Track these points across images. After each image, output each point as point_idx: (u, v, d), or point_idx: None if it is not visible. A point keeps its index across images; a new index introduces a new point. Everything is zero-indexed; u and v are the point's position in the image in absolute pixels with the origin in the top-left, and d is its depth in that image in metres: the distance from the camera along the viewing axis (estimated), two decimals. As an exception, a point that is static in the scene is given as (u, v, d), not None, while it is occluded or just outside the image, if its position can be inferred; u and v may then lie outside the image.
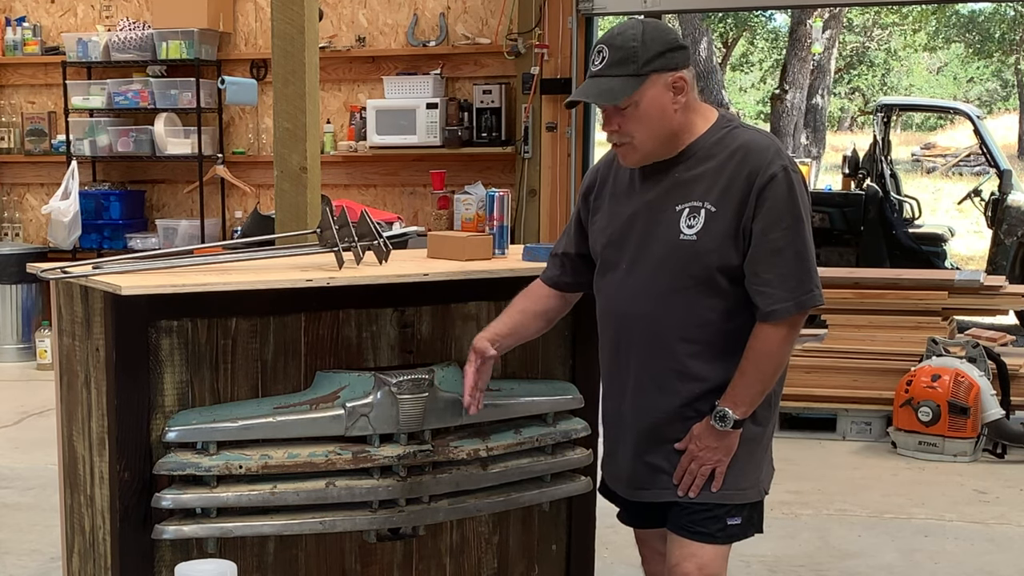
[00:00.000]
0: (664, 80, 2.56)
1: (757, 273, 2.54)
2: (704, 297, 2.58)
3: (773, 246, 2.52)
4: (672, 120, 2.59)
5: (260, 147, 8.53)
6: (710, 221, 2.55)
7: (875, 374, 6.27)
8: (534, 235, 7.66)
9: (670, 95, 2.57)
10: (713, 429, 2.59)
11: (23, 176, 9.08)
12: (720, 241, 2.55)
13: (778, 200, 2.52)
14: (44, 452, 5.61)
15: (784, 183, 2.52)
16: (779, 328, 2.54)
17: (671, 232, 2.59)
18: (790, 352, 2.62)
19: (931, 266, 9.33)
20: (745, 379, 2.57)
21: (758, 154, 2.55)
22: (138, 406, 2.83)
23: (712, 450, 2.60)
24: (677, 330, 2.61)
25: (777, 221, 2.52)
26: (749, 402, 2.58)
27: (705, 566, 2.65)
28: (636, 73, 2.55)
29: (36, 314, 8.46)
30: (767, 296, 2.53)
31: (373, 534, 3.13)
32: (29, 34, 8.86)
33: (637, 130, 2.59)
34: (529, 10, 7.72)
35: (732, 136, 2.61)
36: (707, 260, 2.56)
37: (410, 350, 3.18)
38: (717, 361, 2.61)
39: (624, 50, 2.55)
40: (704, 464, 2.61)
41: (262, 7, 8.41)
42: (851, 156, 10.22)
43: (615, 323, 2.73)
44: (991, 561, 4.48)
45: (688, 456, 2.63)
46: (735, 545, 2.74)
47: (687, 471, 2.63)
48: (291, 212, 4.49)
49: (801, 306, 2.54)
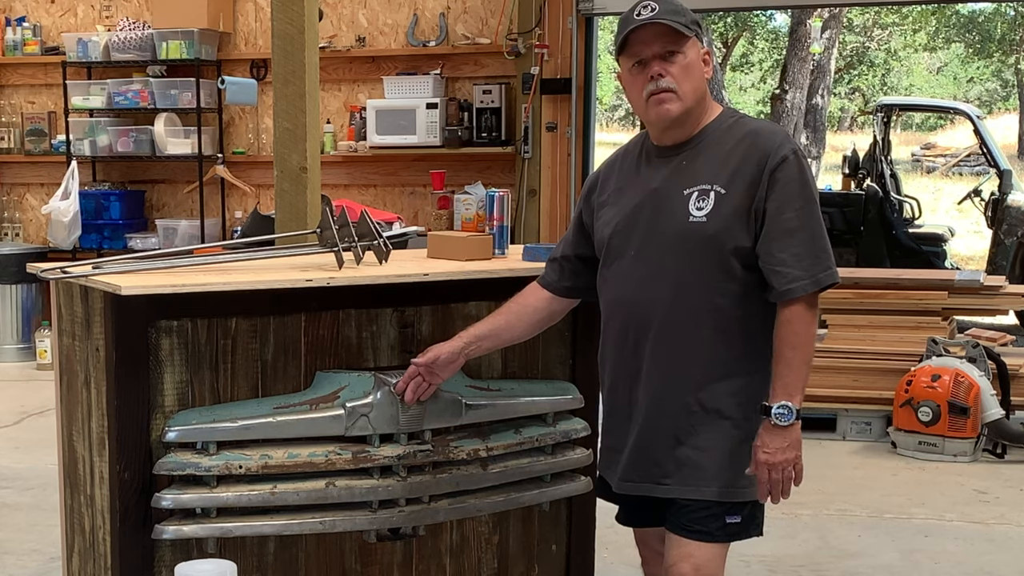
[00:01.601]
0: (699, 47, 2.63)
1: (772, 252, 2.54)
2: (716, 282, 2.57)
3: (787, 226, 2.52)
4: (704, 86, 2.64)
5: (260, 147, 8.53)
6: (720, 203, 2.56)
7: (875, 374, 6.27)
8: (534, 235, 7.66)
9: (701, 64, 2.64)
10: (778, 428, 2.54)
11: (23, 176, 9.08)
12: (731, 222, 2.55)
13: (790, 181, 2.53)
14: (44, 452, 5.61)
15: (795, 165, 2.55)
16: (801, 306, 2.53)
17: (680, 216, 2.59)
18: (816, 331, 2.61)
19: (931, 266, 9.33)
20: (790, 366, 2.54)
21: (768, 138, 2.59)
22: (138, 406, 2.83)
23: (785, 450, 2.55)
24: (686, 315, 2.59)
25: (790, 201, 2.53)
26: (802, 388, 2.56)
27: (701, 567, 2.63)
28: (688, 25, 2.60)
29: (36, 314, 8.46)
30: (782, 275, 2.53)
31: (373, 534, 3.13)
32: (29, 34, 8.86)
33: (683, 80, 2.60)
34: (529, 10, 7.72)
35: (740, 124, 2.65)
36: (717, 241, 2.56)
37: (410, 350, 3.17)
38: (727, 348, 2.59)
39: (675, 5, 2.61)
40: (785, 467, 2.56)
41: (262, 7, 8.41)
42: (851, 156, 10.23)
43: (624, 311, 2.70)
44: (991, 561, 4.48)
45: (764, 467, 2.56)
46: (735, 545, 2.73)
47: (770, 482, 2.56)
48: (291, 212, 4.49)
49: (818, 284, 2.53)
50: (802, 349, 2.54)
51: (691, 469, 2.63)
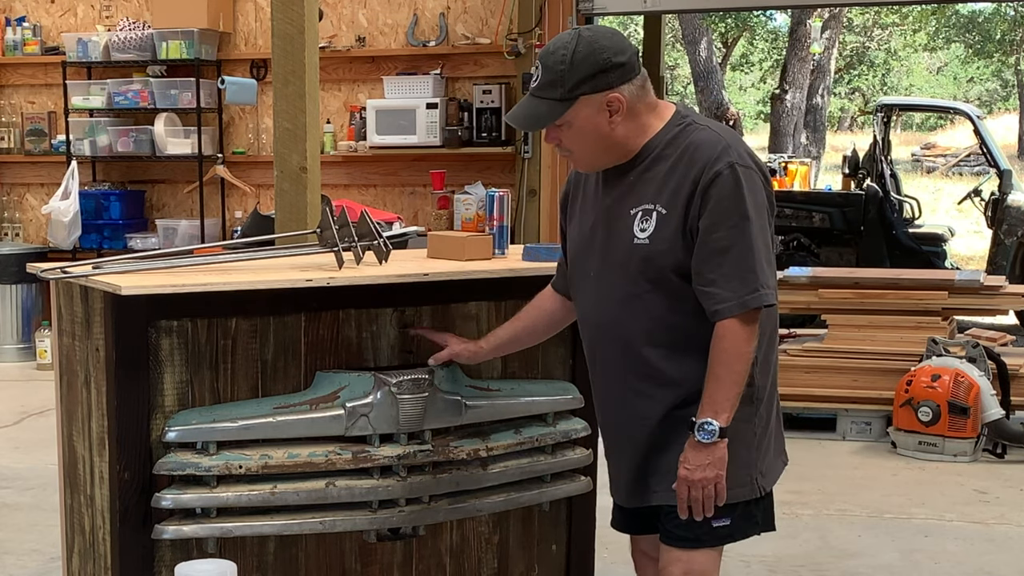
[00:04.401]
0: (596, 101, 2.51)
1: (701, 273, 2.49)
2: (664, 299, 2.55)
3: (717, 245, 2.47)
4: (611, 136, 2.55)
5: (260, 147, 8.53)
6: (661, 223, 2.52)
7: (875, 374, 6.27)
8: (534, 235, 7.65)
9: (605, 115, 2.53)
10: (700, 445, 2.49)
11: (23, 176, 9.08)
12: (671, 243, 2.51)
13: (723, 199, 2.46)
14: (44, 452, 5.61)
15: (730, 180, 2.46)
16: (734, 322, 2.47)
17: (626, 236, 2.57)
18: (755, 347, 2.53)
19: (931, 266, 9.33)
20: (719, 383, 2.49)
21: (704, 152, 2.50)
22: (138, 406, 2.83)
23: (705, 467, 2.49)
24: (643, 335, 2.58)
25: (722, 220, 2.46)
26: (730, 406, 2.49)
27: (691, 571, 2.62)
28: (563, 98, 2.51)
29: (36, 314, 8.46)
30: (711, 296, 2.48)
31: (373, 534, 3.13)
32: (29, 34, 8.86)
33: (575, 146, 2.59)
34: (529, 10, 7.72)
35: (684, 134, 2.56)
36: (661, 262, 2.52)
37: (410, 350, 3.17)
38: (690, 363, 2.56)
39: (552, 72, 2.52)
40: (705, 485, 2.51)
41: (262, 7, 8.41)
42: (851, 156, 10.22)
43: (589, 333, 2.73)
44: (991, 561, 4.48)
45: (683, 483, 2.51)
46: (735, 545, 2.73)
47: (689, 499, 2.53)
48: (291, 212, 4.50)
49: (744, 306, 2.46)
50: (731, 366, 2.48)
51: (673, 476, 2.59)
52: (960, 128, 24.19)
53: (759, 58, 27.46)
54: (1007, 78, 29.44)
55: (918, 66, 30.20)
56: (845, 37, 23.57)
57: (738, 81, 29.77)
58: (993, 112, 28.71)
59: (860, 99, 29.22)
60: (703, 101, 18.06)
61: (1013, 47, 25.50)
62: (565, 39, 2.54)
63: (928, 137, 27.32)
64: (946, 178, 21.03)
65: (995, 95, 31.14)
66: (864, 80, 28.66)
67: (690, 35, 18.34)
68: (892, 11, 22.89)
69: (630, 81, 2.53)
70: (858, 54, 26.88)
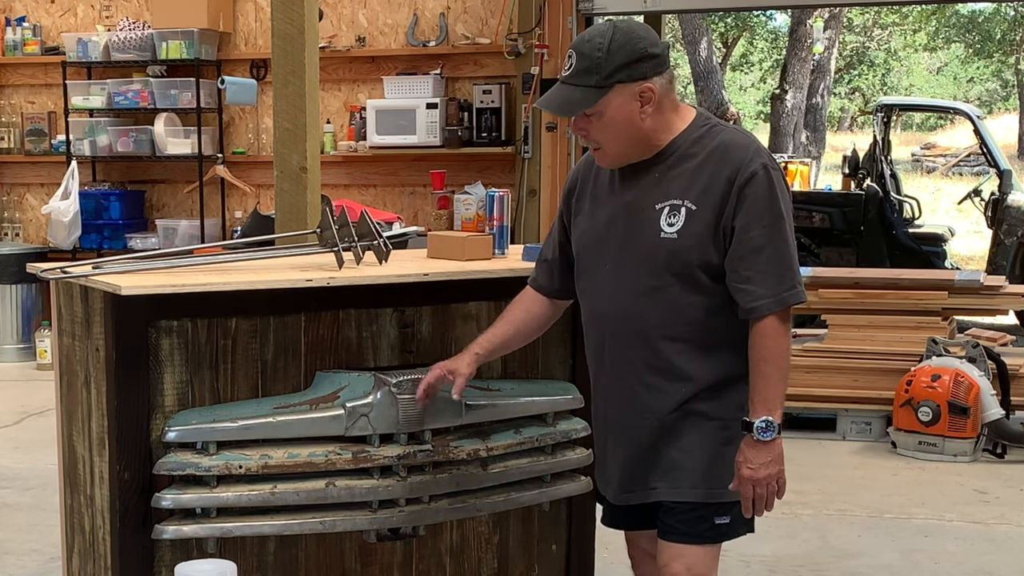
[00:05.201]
0: (630, 90, 2.54)
1: (737, 271, 2.53)
2: (687, 294, 2.57)
3: (754, 244, 2.51)
4: (640, 127, 2.57)
5: (260, 147, 8.53)
6: (690, 219, 2.55)
7: (875, 374, 6.27)
8: (534, 235, 7.65)
9: (636, 105, 2.55)
10: (760, 444, 2.53)
11: (23, 176, 9.08)
12: (700, 239, 2.54)
13: (758, 198, 2.51)
14: (44, 452, 5.61)
15: (764, 181, 2.52)
16: (772, 320, 2.52)
17: (652, 230, 2.58)
18: (791, 342, 2.60)
19: (931, 266, 9.33)
20: (767, 380, 2.53)
21: (738, 152, 2.55)
22: (138, 406, 2.84)
23: (768, 464, 2.53)
24: (662, 328, 2.60)
25: (757, 219, 2.51)
26: (781, 403, 2.55)
27: (693, 566, 2.64)
28: (599, 85, 2.53)
29: (36, 314, 8.46)
30: (747, 293, 2.52)
31: (373, 534, 3.13)
32: (29, 34, 8.86)
33: (604, 137, 2.59)
34: (529, 10, 7.72)
35: (711, 134, 2.60)
36: (688, 257, 2.55)
37: (410, 350, 3.18)
38: (705, 359, 2.60)
39: (589, 59, 2.53)
40: (768, 482, 2.55)
41: (262, 7, 8.41)
42: (851, 156, 10.22)
43: (600, 325, 2.72)
44: (991, 561, 4.48)
45: (748, 483, 2.54)
46: (735, 545, 2.74)
47: (755, 498, 2.56)
48: (291, 212, 4.49)
49: (782, 303, 2.52)
50: (777, 363, 2.54)
51: (677, 472, 2.63)
52: (960, 128, 24.19)
53: (759, 58, 27.46)
54: (1007, 78, 29.44)
55: (918, 66, 30.20)
56: (845, 37, 23.57)
57: (738, 81, 29.77)
58: (993, 112, 28.71)
59: (860, 99, 29.22)
60: (703, 101, 18.04)
61: (1013, 47, 25.50)
62: (601, 28, 2.57)
63: (928, 137, 27.32)
64: (946, 178, 21.03)
65: (995, 95, 31.14)
66: (864, 80, 28.67)
67: (690, 35, 18.34)
68: (892, 11, 22.89)
69: (662, 74, 2.57)
70: (858, 54, 26.89)
